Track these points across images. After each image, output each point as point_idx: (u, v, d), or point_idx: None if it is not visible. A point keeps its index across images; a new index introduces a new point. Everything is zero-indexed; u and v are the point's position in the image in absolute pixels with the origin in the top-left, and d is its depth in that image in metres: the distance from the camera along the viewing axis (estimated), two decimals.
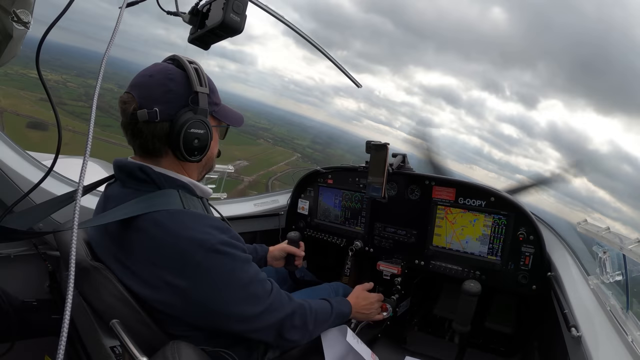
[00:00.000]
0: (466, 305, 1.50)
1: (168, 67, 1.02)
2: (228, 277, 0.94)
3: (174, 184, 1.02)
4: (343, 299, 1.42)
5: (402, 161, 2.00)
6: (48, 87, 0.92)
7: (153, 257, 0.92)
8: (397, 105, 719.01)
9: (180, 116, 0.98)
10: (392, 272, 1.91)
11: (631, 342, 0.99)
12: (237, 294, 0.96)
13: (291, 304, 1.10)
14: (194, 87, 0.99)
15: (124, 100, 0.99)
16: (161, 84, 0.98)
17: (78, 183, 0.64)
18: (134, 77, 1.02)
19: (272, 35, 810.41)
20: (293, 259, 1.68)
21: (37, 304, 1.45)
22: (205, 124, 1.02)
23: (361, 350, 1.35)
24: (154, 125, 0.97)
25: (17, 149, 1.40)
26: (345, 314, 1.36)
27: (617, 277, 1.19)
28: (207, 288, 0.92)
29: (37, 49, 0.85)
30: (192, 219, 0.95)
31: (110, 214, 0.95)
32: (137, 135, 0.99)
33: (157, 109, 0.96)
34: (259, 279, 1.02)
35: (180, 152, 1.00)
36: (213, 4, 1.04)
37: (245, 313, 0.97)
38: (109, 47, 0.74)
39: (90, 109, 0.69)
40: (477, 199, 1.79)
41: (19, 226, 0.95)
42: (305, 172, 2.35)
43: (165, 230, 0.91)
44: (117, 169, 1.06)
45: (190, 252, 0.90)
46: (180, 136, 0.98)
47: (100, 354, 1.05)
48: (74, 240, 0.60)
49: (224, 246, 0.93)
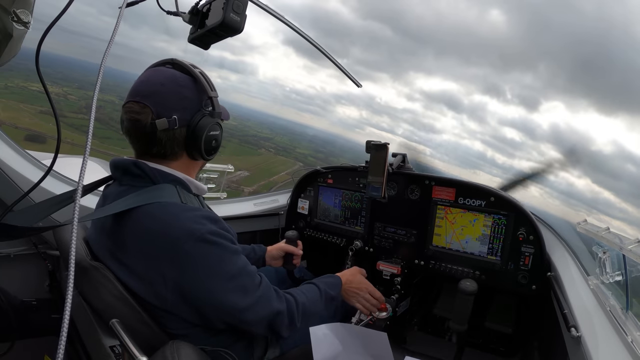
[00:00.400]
0: (463, 304, 1.49)
1: (175, 74, 1.04)
2: (217, 266, 0.95)
3: (168, 178, 1.04)
4: (333, 277, 1.38)
5: (402, 161, 2.00)
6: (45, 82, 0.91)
7: (146, 249, 0.93)
8: (399, 112, 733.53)
9: (199, 121, 1.03)
10: (392, 272, 1.91)
11: (631, 342, 0.99)
12: (226, 284, 0.96)
13: (280, 299, 1.09)
14: (208, 93, 1.05)
15: (135, 111, 0.99)
16: (175, 91, 1.01)
17: (78, 182, 0.64)
18: (140, 85, 1.03)
19: (272, 44, 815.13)
20: (291, 258, 1.68)
21: (37, 304, 1.46)
22: (220, 126, 1.09)
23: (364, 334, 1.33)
24: (173, 132, 1.01)
25: (17, 148, 1.41)
26: (334, 297, 1.32)
27: (617, 277, 1.18)
28: (196, 277, 0.93)
29: (37, 48, 0.85)
30: (183, 210, 0.97)
31: (108, 208, 0.97)
32: (155, 143, 1.02)
33: (175, 116, 1.00)
34: (248, 271, 1.02)
35: (200, 154, 1.06)
36: (213, 3, 1.04)
37: (234, 304, 0.97)
38: (109, 47, 0.74)
39: (90, 109, 0.69)
40: (477, 199, 1.79)
41: (18, 224, 0.96)
42: (305, 172, 2.35)
43: (157, 220, 0.93)
44: (113, 167, 1.08)
45: (181, 240, 0.91)
46: (202, 140, 1.04)
47: (99, 354, 1.05)
48: (73, 235, 0.60)
49: (213, 236, 0.95)
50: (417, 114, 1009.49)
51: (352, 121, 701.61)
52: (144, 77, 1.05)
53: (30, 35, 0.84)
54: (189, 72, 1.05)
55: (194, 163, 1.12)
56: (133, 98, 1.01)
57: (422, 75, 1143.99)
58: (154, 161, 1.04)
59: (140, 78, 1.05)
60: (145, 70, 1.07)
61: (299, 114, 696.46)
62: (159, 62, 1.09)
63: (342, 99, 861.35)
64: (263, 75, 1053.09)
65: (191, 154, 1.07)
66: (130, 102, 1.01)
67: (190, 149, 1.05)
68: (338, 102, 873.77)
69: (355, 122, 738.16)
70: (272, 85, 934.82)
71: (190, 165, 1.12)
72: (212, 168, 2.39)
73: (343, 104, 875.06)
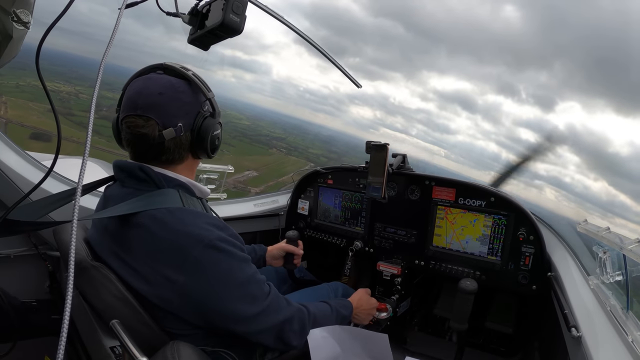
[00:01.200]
0: (463, 304, 1.50)
1: (171, 80, 1.02)
2: (225, 274, 0.94)
3: (173, 183, 1.04)
4: (344, 301, 1.41)
5: (402, 161, 2.00)
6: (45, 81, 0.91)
7: (152, 253, 0.93)
8: (413, 112, 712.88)
9: (202, 123, 1.04)
10: (392, 272, 1.91)
11: (631, 342, 0.99)
12: (234, 292, 0.95)
13: (289, 308, 1.08)
14: (206, 95, 1.06)
15: (139, 125, 0.97)
16: (174, 99, 1.01)
17: (77, 182, 0.65)
18: (137, 98, 0.99)
19: (284, 44, 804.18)
20: (292, 258, 1.68)
21: (37, 304, 1.45)
22: (221, 124, 1.11)
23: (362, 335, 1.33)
24: (179, 139, 1.02)
25: (17, 150, 1.41)
26: (345, 317, 1.35)
27: (617, 277, 1.19)
28: (204, 284, 0.92)
29: (37, 48, 0.85)
30: (190, 216, 0.96)
31: (111, 210, 0.96)
32: (164, 152, 1.02)
33: (180, 124, 1.00)
34: (257, 279, 1.01)
35: (206, 153, 1.08)
36: (213, 4, 1.04)
37: (242, 312, 0.96)
38: (109, 47, 0.74)
39: (90, 109, 0.69)
40: (477, 199, 1.79)
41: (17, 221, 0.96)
42: (306, 172, 2.35)
43: (164, 226, 0.93)
44: (117, 169, 1.07)
45: (189, 247, 0.91)
46: (207, 141, 1.05)
47: (100, 354, 1.05)
48: (73, 233, 0.60)
49: (221, 243, 0.94)
50: (431, 114, 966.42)
51: (366, 121, 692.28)
52: (138, 87, 1.00)
53: (34, 34, 0.84)
54: (183, 76, 1.03)
55: (196, 162, 1.14)
56: (133, 112, 0.98)
57: (436, 75, 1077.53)
58: (159, 166, 1.04)
59: (133, 89, 1.00)
60: (135, 79, 1.03)
61: (314, 113, 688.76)
62: (148, 68, 1.05)
63: (355, 99, 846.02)
64: (277, 74, 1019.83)
65: (195, 154, 1.09)
66: (132, 116, 0.98)
67: (195, 150, 1.06)
68: (352, 102, 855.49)
69: (369, 122, 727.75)
70: (286, 84, 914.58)
71: (193, 165, 1.13)
72: (213, 169, 2.40)
73: (357, 104, 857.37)
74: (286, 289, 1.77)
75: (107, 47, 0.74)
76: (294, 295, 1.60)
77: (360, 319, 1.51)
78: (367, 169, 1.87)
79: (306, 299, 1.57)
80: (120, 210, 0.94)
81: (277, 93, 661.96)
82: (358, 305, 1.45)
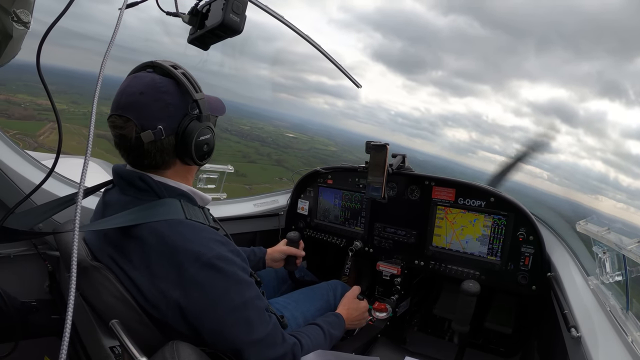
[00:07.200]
0: (465, 305, 1.50)
1: (155, 79, 0.96)
2: (220, 295, 0.90)
3: (174, 192, 1.01)
4: (336, 317, 1.37)
5: (401, 161, 2.00)
6: (47, 84, 0.91)
7: (150, 267, 0.91)
8: (508, 130, 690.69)
9: (186, 127, 0.97)
10: (392, 272, 1.91)
11: (631, 342, 0.99)
12: (228, 314, 0.91)
13: (284, 346, 1.00)
14: (193, 96, 0.98)
15: (119, 125, 0.94)
16: (156, 99, 0.94)
17: (79, 185, 0.64)
18: (120, 96, 0.95)
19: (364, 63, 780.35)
20: (293, 259, 1.68)
21: (37, 305, 1.45)
22: (211, 128, 1.03)
23: None
24: (161, 143, 0.96)
25: (18, 150, 1.40)
26: (338, 336, 1.32)
27: (617, 277, 1.19)
28: (198, 303, 0.89)
29: (38, 49, 0.85)
30: (191, 231, 0.93)
31: (111, 220, 0.94)
32: (145, 156, 0.96)
33: (160, 127, 0.94)
34: (255, 305, 0.95)
35: (192, 160, 1.01)
36: (213, 4, 1.04)
37: (233, 337, 0.91)
38: (109, 48, 0.74)
39: (91, 111, 0.69)
40: (477, 199, 1.79)
41: (19, 227, 0.95)
42: (305, 172, 2.35)
43: (164, 240, 0.90)
44: (116, 175, 1.05)
45: (186, 264, 0.88)
46: (192, 147, 0.98)
47: (100, 354, 1.05)
48: (75, 243, 0.59)
49: (220, 261, 0.91)
50: (527, 131, 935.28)
51: (463, 144, 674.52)
52: (123, 86, 0.96)
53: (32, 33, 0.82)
54: (170, 74, 0.97)
55: (189, 168, 1.07)
56: (115, 111, 0.94)
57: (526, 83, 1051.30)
58: (153, 173, 1.01)
59: (120, 87, 0.97)
60: (125, 78, 0.99)
61: (410, 139, 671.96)
62: (138, 67, 1.01)
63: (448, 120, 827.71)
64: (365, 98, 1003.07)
65: (183, 160, 1.02)
66: (113, 115, 0.94)
67: (181, 155, 1.01)
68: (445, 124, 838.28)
69: (466, 145, 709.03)
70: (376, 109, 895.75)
71: (185, 171, 1.07)
72: (212, 169, 2.40)
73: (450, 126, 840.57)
74: (286, 289, 1.77)
75: (108, 48, 0.74)
76: (294, 294, 1.60)
77: (355, 326, 1.51)
78: (366, 169, 1.87)
79: (305, 298, 1.57)
80: (121, 222, 0.92)
81: (371, 118, 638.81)
82: (348, 316, 1.44)
